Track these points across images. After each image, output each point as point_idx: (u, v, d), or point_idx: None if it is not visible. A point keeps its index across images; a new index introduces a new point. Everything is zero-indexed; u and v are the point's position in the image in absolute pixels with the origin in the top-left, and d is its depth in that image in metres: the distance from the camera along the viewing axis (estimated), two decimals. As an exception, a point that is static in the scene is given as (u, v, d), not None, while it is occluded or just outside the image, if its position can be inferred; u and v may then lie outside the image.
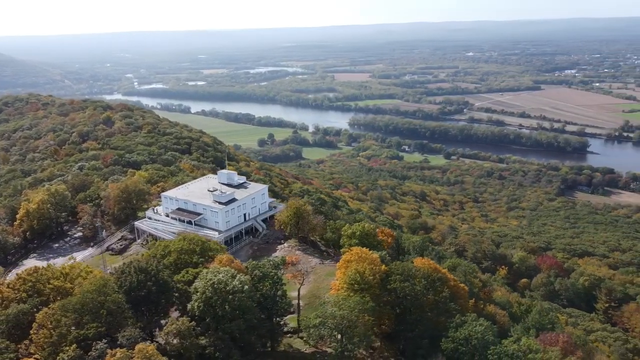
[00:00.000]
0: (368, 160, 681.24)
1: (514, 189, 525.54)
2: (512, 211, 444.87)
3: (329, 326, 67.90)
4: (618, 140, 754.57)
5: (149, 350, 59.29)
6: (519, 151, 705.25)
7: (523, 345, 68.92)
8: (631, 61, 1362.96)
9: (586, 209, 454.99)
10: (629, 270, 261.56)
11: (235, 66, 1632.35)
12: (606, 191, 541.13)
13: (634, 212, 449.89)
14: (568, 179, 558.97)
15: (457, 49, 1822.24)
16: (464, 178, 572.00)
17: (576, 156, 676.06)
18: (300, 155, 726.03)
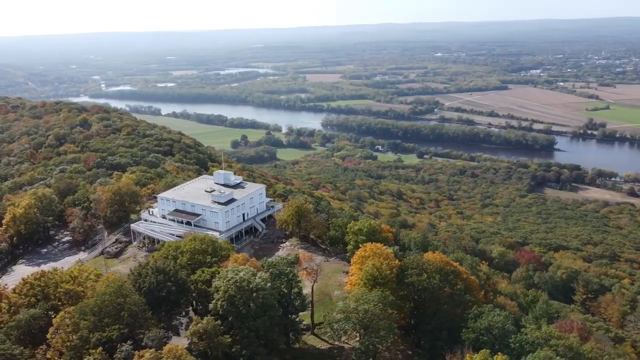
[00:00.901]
0: (343, 160, 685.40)
1: (486, 186, 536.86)
2: (487, 208, 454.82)
3: (353, 321, 68.97)
4: (583, 137, 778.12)
5: (178, 350, 59.15)
6: (489, 149, 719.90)
7: (544, 333, 71.69)
8: (592, 61, 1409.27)
9: (556, 204, 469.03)
10: (602, 263, 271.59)
11: (205, 67, 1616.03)
12: (573, 187, 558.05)
13: (601, 207, 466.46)
14: (537, 176, 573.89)
15: (425, 49, 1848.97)
16: (437, 176, 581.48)
17: (544, 153, 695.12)
18: (275, 157, 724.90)
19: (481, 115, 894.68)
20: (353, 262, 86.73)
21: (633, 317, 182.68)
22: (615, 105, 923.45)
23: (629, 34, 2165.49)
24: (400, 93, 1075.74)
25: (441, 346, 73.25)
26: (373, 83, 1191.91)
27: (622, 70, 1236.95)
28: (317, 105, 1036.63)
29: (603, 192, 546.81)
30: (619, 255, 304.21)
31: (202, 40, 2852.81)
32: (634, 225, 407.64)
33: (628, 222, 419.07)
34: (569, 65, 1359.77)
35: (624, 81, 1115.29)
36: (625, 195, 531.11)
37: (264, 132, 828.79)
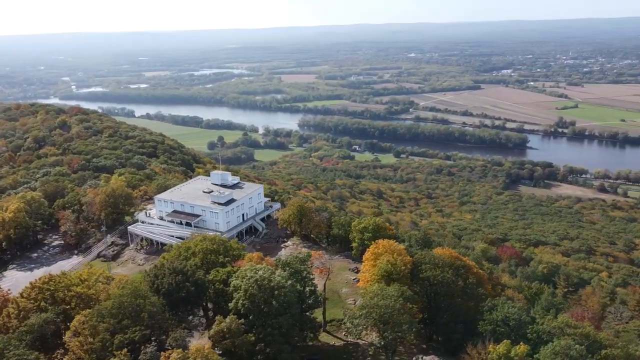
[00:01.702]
0: (321, 160, 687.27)
1: (463, 184, 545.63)
2: (465, 205, 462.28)
3: (373, 317, 70.06)
4: (554, 135, 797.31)
5: (205, 350, 59.17)
6: (464, 148, 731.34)
7: (561, 322, 74.16)
8: (560, 61, 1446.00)
9: (532, 201, 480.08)
10: (580, 257, 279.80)
11: (178, 68, 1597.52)
12: (547, 184, 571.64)
13: (574, 203, 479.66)
14: (512, 174, 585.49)
15: (399, 50, 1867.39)
16: (415, 175, 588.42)
17: (517, 152, 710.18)
18: (252, 158, 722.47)
19: (455, 114, 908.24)
20: (365, 258, 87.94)
21: (613, 308, 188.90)
22: (584, 104, 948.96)
23: (594, 34, 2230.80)
24: (375, 93, 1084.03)
25: (457, 339, 75.19)
26: (348, 83, 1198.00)
27: (589, 70, 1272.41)
28: (293, 105, 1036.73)
29: (575, 188, 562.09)
30: (595, 249, 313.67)
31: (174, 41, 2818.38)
32: (606, 220, 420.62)
33: (600, 217, 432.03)
34: (538, 65, 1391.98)
35: (591, 80, 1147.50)
36: (595, 191, 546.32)
37: (241, 133, 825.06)
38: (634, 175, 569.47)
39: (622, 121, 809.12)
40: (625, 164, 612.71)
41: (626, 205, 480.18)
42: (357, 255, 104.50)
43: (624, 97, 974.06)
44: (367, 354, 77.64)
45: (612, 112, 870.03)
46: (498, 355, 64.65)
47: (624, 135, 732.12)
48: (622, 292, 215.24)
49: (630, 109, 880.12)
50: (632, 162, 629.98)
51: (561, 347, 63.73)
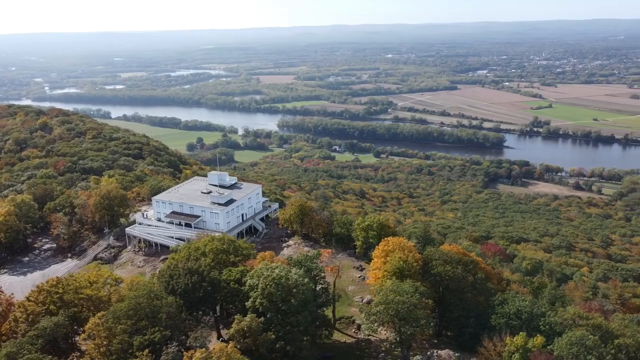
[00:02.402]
0: (301, 161, 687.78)
1: (443, 183, 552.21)
2: (446, 204, 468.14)
3: (390, 313, 71.01)
4: (529, 135, 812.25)
5: (228, 348, 59.17)
6: (442, 148, 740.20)
7: (573, 314, 76.34)
8: (534, 62, 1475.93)
9: (511, 199, 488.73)
10: (561, 253, 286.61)
11: (155, 69, 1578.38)
12: (524, 182, 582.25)
13: (551, 201, 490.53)
14: (490, 172, 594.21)
15: (376, 51, 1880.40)
16: (396, 175, 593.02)
17: (494, 151, 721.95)
18: (232, 159, 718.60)
19: (433, 114, 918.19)
20: (375, 255, 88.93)
21: (596, 302, 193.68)
22: (557, 104, 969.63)
23: (566, 35, 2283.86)
24: (354, 94, 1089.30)
25: (469, 333, 76.78)
26: (327, 84, 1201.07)
27: (561, 71, 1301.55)
28: (272, 106, 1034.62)
29: (551, 186, 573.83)
30: (574, 245, 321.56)
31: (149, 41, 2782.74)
32: (582, 217, 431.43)
33: (577, 214, 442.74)
34: (512, 65, 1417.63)
35: (564, 81, 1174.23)
36: (571, 189, 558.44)
37: (220, 134, 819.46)
38: (607, 173, 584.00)
39: (595, 120, 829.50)
40: (599, 162, 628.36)
41: (601, 202, 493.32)
42: (361, 254, 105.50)
43: (596, 97, 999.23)
44: (379, 350, 78.73)
45: (585, 112, 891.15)
46: (516, 347, 66.44)
47: (597, 134, 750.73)
48: (604, 287, 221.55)
49: (602, 109, 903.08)
50: (605, 160, 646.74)
51: (577, 338, 65.90)
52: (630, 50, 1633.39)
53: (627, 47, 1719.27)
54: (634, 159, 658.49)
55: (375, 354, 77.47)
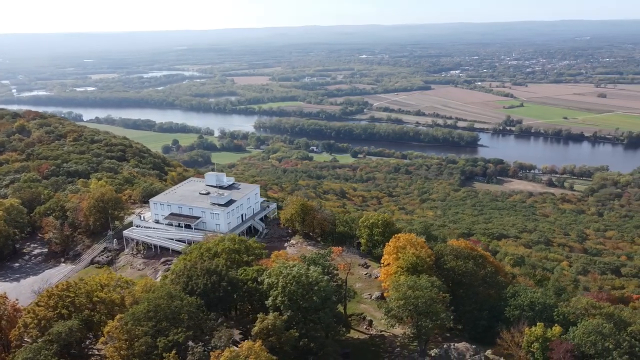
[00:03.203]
0: (279, 162, 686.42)
1: (422, 182, 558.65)
2: (425, 203, 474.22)
3: (409, 307, 72.16)
4: (502, 133, 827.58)
5: (255, 347, 59.21)
6: (418, 147, 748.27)
7: (586, 303, 78.98)
8: (505, 62, 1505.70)
9: (488, 197, 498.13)
10: (541, 248, 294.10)
11: (126, 70, 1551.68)
12: (499, 180, 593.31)
13: (527, 197, 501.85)
14: (466, 171, 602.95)
15: (351, 51, 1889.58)
16: (374, 174, 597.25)
17: (469, 149, 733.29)
18: (209, 161, 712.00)
19: (409, 114, 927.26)
20: (386, 252, 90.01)
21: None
22: (528, 103, 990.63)
23: (534, 36, 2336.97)
24: (329, 94, 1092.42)
25: (483, 325, 78.70)
26: (302, 85, 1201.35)
27: (531, 71, 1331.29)
28: (248, 107, 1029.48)
29: (525, 183, 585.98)
30: (552, 240, 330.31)
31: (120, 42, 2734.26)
32: (557, 213, 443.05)
33: (552, 210, 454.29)
34: (484, 66, 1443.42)
35: (534, 80, 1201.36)
36: (544, 185, 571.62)
37: (196, 136, 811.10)
38: (578, 169, 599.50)
39: (565, 119, 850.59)
40: (570, 159, 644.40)
41: (574, 198, 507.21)
42: (365, 251, 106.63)
43: (565, 96, 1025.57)
44: (394, 345, 79.87)
45: (555, 110, 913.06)
46: (536, 336, 68.53)
47: (567, 132, 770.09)
48: (584, 280, 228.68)
49: (571, 107, 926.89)
50: (575, 157, 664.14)
51: (593, 326, 68.49)
52: (596, 50, 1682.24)
53: (593, 47, 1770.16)
54: (602, 156, 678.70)
55: (391, 349, 78.62)
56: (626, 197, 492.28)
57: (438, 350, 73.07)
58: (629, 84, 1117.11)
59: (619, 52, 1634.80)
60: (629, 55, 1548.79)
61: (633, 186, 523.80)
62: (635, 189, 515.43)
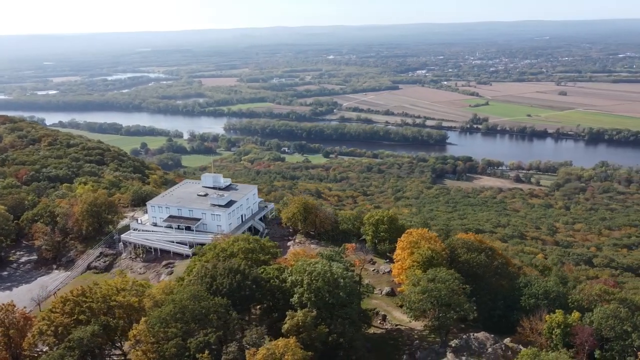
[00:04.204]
0: (252, 163, 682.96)
1: (394, 180, 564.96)
2: (399, 201, 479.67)
3: (430, 300, 73.74)
4: (469, 131, 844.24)
5: (291, 344, 59.53)
6: (389, 146, 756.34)
7: (599, 290, 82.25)
8: (469, 62, 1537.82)
9: (460, 193, 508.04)
10: (516, 242, 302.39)
11: (89, 73, 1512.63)
12: (468, 177, 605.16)
13: (497, 193, 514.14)
14: (437, 169, 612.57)
15: (318, 52, 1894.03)
16: (348, 174, 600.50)
17: (438, 148, 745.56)
18: (180, 164, 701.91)
19: (378, 114, 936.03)
20: (400, 247, 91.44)
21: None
22: (493, 101, 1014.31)
23: (496, 36, 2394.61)
24: (299, 95, 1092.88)
25: (498, 315, 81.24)
26: (271, 86, 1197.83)
27: (495, 70, 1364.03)
28: (217, 109, 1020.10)
29: (494, 180, 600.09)
30: (525, 234, 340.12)
31: (81, 44, 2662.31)
32: (527, 208, 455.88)
33: (522, 205, 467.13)
34: (449, 65, 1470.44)
35: (498, 79, 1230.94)
36: (512, 181, 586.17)
37: (165, 139, 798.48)
38: (543, 165, 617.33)
39: (528, 116, 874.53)
40: (535, 155, 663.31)
41: (541, 193, 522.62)
42: (371, 248, 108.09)
43: (528, 94, 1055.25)
44: (412, 338, 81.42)
45: (519, 108, 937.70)
46: (557, 323, 71.23)
47: (531, 129, 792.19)
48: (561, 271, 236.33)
49: (534, 105, 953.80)
50: (540, 153, 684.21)
51: (611, 311, 71.76)
52: (555, 50, 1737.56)
53: (552, 47, 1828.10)
54: (565, 151, 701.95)
55: (409, 342, 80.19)
56: (590, 191, 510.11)
57: (458, 341, 75.03)
58: (588, 82, 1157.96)
59: (577, 51, 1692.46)
60: (586, 54, 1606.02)
61: (596, 180, 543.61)
62: (598, 182, 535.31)
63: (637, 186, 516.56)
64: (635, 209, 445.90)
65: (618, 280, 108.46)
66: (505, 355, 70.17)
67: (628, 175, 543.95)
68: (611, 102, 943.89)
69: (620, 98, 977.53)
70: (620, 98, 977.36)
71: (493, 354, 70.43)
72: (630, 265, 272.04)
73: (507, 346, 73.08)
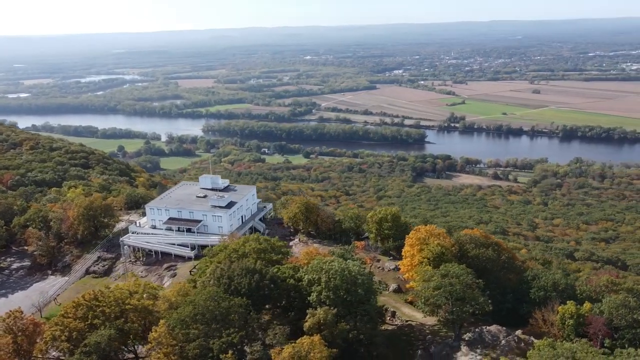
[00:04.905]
0: (232, 165, 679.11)
1: (376, 180, 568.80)
2: (382, 200, 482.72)
3: (445, 295, 74.96)
4: (447, 130, 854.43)
5: (315, 341, 59.88)
6: (368, 146, 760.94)
7: (606, 281, 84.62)
8: (445, 61, 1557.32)
9: (440, 191, 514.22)
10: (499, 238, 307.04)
11: (62, 75, 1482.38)
12: (448, 175, 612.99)
13: (477, 191, 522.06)
14: (417, 167, 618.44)
15: (295, 52, 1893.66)
16: (329, 174, 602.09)
17: (417, 146, 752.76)
18: (159, 166, 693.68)
19: (357, 114, 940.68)
20: (408, 244, 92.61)
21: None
22: (470, 100, 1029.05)
23: (470, 36, 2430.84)
24: (277, 96, 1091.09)
25: (508, 308, 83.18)
26: (249, 87, 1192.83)
27: (470, 69, 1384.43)
28: (194, 111, 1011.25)
29: (473, 177, 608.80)
30: (507, 230, 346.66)
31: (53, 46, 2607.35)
32: (507, 204, 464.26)
33: (502, 201, 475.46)
34: (425, 65, 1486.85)
35: (473, 78, 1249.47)
36: (491, 179, 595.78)
37: (142, 141, 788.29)
38: (520, 162, 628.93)
39: (504, 114, 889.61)
40: (511, 153, 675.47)
41: (519, 189, 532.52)
42: (374, 245, 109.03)
43: (503, 93, 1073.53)
44: (424, 333, 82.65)
45: (495, 107, 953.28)
46: (570, 313, 73.34)
47: (507, 127, 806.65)
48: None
49: (509, 103, 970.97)
50: (516, 151, 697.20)
51: (621, 301, 74.20)
52: (527, 49, 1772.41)
53: (525, 46, 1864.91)
54: (540, 148, 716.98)
55: (422, 337, 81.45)
56: (566, 187, 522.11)
57: (471, 334, 76.61)
58: (560, 80, 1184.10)
59: (548, 50, 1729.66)
60: (558, 53, 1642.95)
61: (571, 176, 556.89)
62: (573, 178, 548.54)
63: (610, 181, 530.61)
64: (610, 204, 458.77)
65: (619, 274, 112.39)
66: (519, 346, 72.09)
67: (602, 170, 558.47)
68: (583, 100, 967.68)
69: (591, 96, 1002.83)
70: (592, 96, 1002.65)
71: (507, 346, 72.27)
72: (610, 258, 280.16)
73: (520, 338, 75.03)
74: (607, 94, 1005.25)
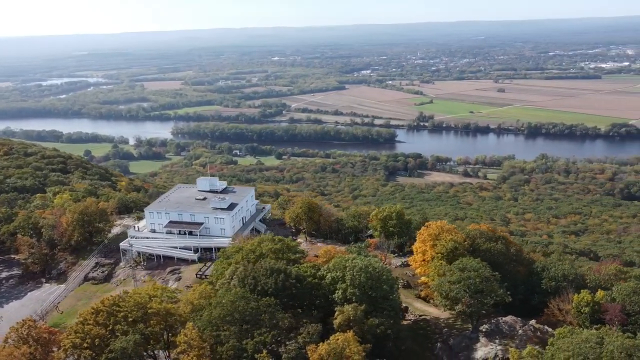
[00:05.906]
0: (204, 167, 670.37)
1: (350, 179, 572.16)
2: (357, 199, 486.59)
3: (463, 288, 76.75)
4: (416, 129, 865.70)
5: (348, 338, 60.55)
6: (340, 146, 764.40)
7: (614, 269, 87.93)
8: (411, 61, 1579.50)
9: (414, 189, 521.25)
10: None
11: (22, 78, 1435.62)
12: (419, 173, 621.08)
13: (449, 188, 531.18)
14: (389, 166, 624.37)
15: (262, 54, 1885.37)
16: (303, 175, 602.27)
17: (388, 146, 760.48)
18: (128, 170, 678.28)
19: (327, 114, 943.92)
20: (420, 240, 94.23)
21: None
22: (437, 99, 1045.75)
23: (435, 36, 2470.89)
24: (246, 97, 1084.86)
25: (519, 299, 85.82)
26: (217, 88, 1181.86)
27: (436, 69, 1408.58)
28: (162, 114, 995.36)
29: (444, 175, 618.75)
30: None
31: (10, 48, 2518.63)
32: (479, 201, 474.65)
33: (474, 198, 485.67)
34: (392, 65, 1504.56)
35: (439, 78, 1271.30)
36: (461, 176, 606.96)
37: (110, 145, 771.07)
38: (489, 159, 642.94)
39: (471, 113, 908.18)
40: (480, 150, 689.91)
41: (490, 186, 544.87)
42: (387, 243, 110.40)
43: (469, 92, 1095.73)
44: (440, 327, 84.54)
45: (461, 106, 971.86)
46: (586, 302, 76.30)
47: (475, 125, 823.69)
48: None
49: (475, 102, 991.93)
50: (484, 148, 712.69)
51: (632, 288, 77.63)
52: (491, 49, 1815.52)
53: (489, 46, 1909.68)
54: (507, 146, 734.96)
55: (439, 331, 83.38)
56: (534, 182, 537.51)
57: (489, 326, 78.98)
58: (523, 79, 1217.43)
59: (511, 50, 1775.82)
60: (520, 52, 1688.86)
61: (538, 172, 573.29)
62: (540, 174, 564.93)
63: (575, 176, 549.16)
64: (576, 198, 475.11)
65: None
66: (536, 335, 74.91)
67: (566, 166, 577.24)
68: (546, 98, 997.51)
69: (553, 94, 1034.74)
70: (554, 94, 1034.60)
71: (524, 335, 74.96)
72: (583, 250, 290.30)
73: (535, 327, 77.88)
74: (568, 92, 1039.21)
